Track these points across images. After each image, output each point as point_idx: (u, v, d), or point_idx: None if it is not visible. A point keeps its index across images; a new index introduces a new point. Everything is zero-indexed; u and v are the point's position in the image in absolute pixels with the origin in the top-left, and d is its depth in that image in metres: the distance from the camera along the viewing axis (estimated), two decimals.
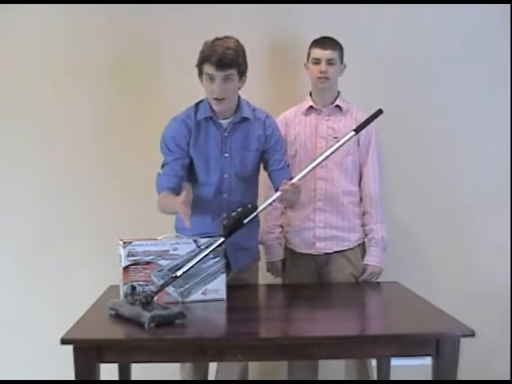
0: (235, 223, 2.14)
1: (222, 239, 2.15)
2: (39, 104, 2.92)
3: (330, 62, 2.55)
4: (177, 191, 2.26)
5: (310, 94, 2.68)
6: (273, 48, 2.94)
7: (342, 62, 2.61)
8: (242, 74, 2.28)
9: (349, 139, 2.30)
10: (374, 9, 2.90)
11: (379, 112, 2.32)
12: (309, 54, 2.62)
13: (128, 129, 2.92)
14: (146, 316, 1.90)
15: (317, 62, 2.57)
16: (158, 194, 2.32)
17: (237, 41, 2.26)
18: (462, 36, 2.96)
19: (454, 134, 3.00)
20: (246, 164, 2.38)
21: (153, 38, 2.91)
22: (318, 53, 2.56)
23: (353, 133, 2.29)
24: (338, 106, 2.64)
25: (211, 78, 2.23)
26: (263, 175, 2.50)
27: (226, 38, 2.25)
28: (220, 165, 2.35)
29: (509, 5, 2.91)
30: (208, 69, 2.22)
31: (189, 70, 2.32)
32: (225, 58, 2.19)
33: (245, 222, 2.15)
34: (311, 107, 2.66)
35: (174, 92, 2.85)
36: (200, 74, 2.28)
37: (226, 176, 2.35)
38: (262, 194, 2.58)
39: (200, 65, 2.26)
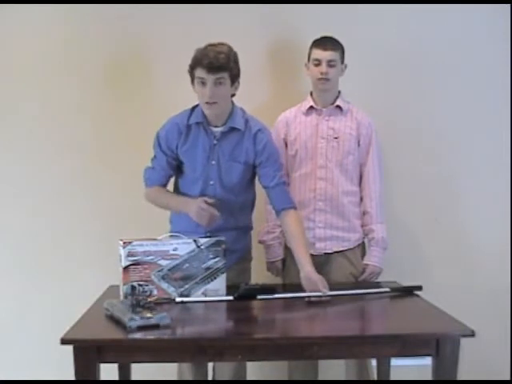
0: (249, 294, 2.22)
1: (231, 298, 2.21)
2: (37, 103, 2.91)
3: (330, 64, 2.55)
4: (165, 187, 2.46)
5: (311, 94, 2.68)
6: (273, 48, 2.93)
7: (342, 62, 2.61)
8: (234, 79, 2.28)
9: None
10: (374, 9, 2.89)
11: (419, 288, 2.36)
12: (309, 55, 2.61)
13: (126, 128, 2.92)
14: (128, 318, 1.89)
15: (317, 63, 2.56)
16: (147, 187, 2.47)
17: (229, 47, 2.27)
18: (461, 36, 2.95)
19: (453, 134, 3.00)
20: (231, 174, 2.37)
21: (150, 40, 2.90)
22: (318, 54, 2.56)
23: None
24: (338, 107, 2.64)
25: (203, 83, 2.24)
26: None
27: (219, 43, 2.26)
28: (206, 171, 2.36)
29: (509, 5, 2.91)
30: (199, 73, 2.23)
31: (186, 71, 2.32)
32: (216, 62, 2.20)
33: (258, 297, 2.22)
34: (312, 107, 2.66)
35: (170, 92, 2.84)
36: (192, 79, 2.29)
37: (211, 183, 2.37)
38: (259, 205, 2.57)
39: (192, 70, 2.27)
